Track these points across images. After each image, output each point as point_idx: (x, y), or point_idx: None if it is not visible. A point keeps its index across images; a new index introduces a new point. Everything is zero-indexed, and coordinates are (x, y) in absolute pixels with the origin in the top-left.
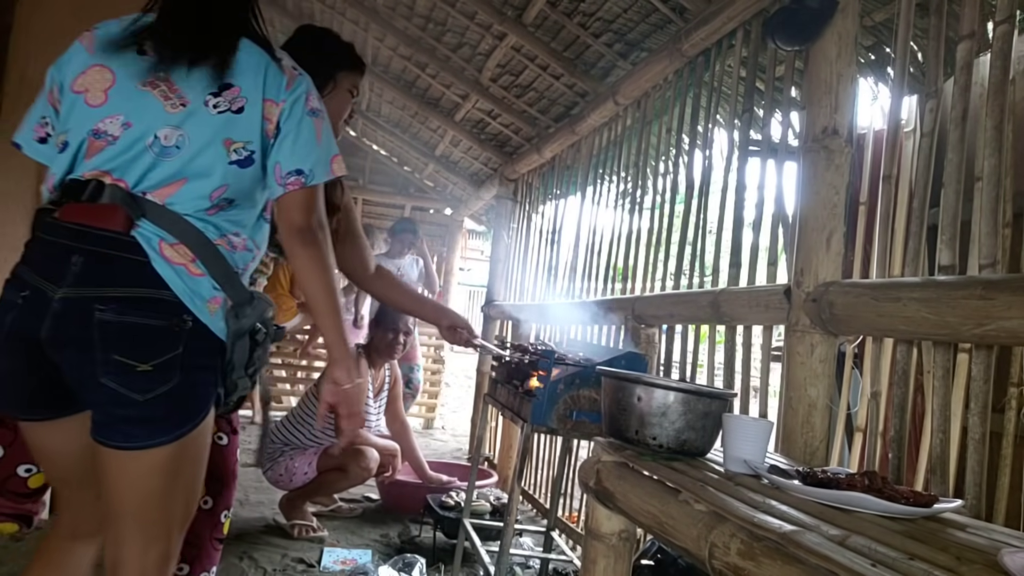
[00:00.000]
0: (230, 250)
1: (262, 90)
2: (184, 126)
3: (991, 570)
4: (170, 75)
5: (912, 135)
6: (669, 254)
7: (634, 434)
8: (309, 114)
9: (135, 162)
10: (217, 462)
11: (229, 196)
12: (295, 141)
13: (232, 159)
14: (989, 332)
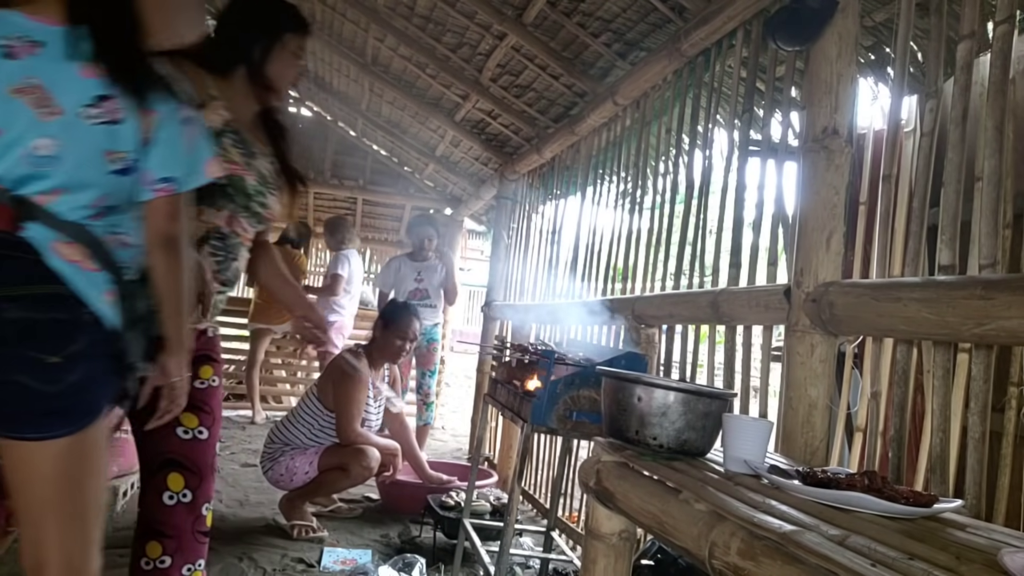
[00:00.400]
0: (121, 247)
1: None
2: (60, 136)
3: (991, 570)
4: (43, 82)
5: (912, 135)
6: (669, 254)
7: (634, 434)
8: (181, 122)
9: (13, 168)
10: (196, 455)
11: (111, 203)
12: (167, 149)
13: (112, 169)
14: (989, 332)
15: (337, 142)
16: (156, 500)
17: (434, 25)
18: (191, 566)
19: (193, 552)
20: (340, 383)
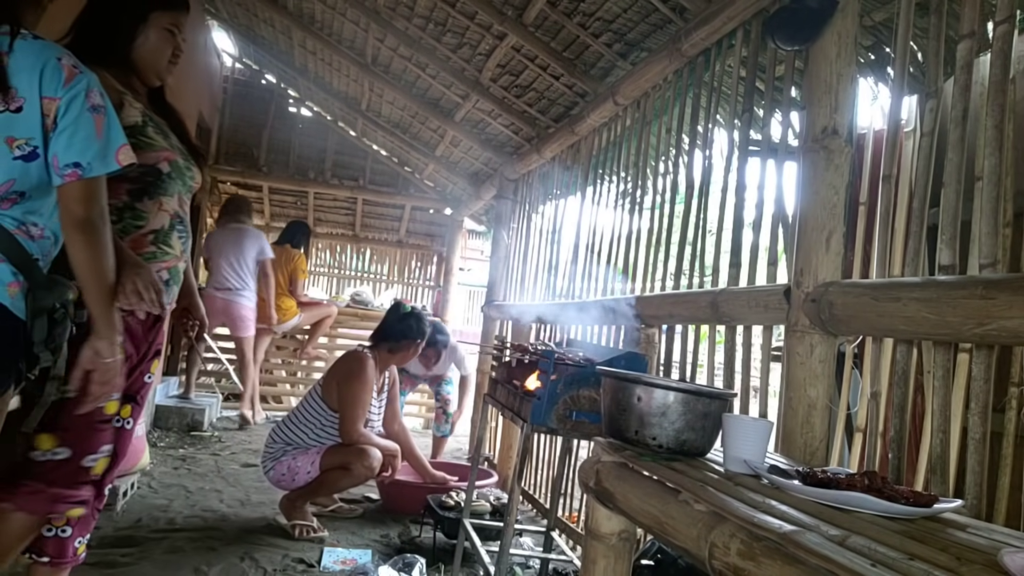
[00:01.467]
0: (28, 239)
1: (39, 88)
2: None
3: (991, 570)
4: None
5: (912, 135)
6: (669, 254)
7: (634, 434)
8: (89, 110)
9: None
10: (120, 445)
11: (19, 189)
12: (72, 135)
13: (16, 155)
14: (989, 332)
15: (337, 142)
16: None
17: (434, 25)
18: (82, 540)
19: (86, 527)
20: (345, 383)
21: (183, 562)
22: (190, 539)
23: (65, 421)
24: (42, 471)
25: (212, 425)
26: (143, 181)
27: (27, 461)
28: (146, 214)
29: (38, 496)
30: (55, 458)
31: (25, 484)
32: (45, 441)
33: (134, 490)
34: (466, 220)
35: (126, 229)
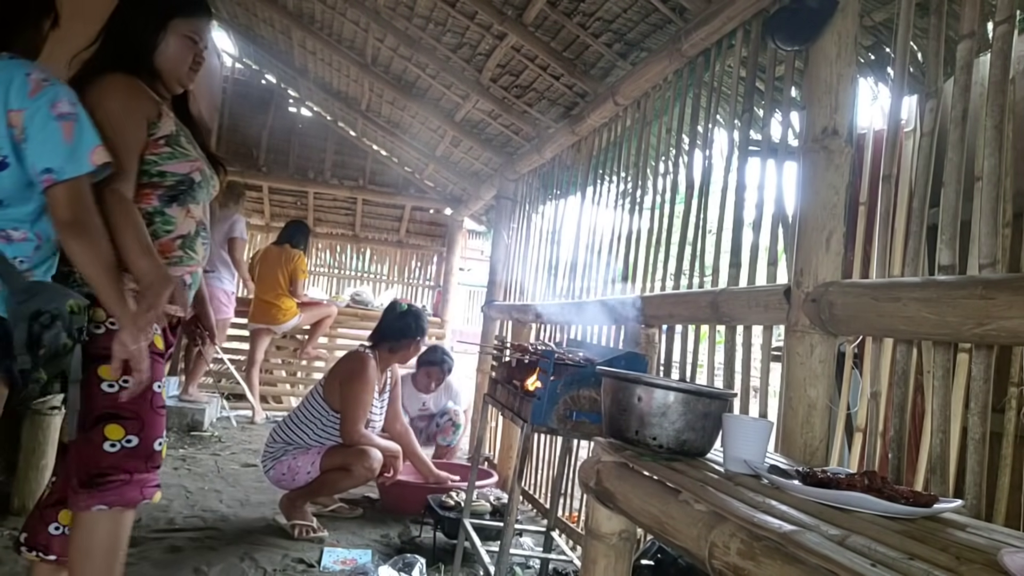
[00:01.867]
0: (7, 243)
1: (4, 103)
2: None
3: (991, 570)
4: None
5: (912, 135)
6: (669, 254)
7: (634, 434)
8: (55, 118)
9: None
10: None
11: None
12: (42, 143)
13: None
14: (989, 332)
15: (337, 142)
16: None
17: (434, 25)
18: None
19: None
20: (347, 383)
21: (183, 562)
22: (190, 539)
23: (128, 409)
24: (118, 461)
25: (212, 425)
26: (176, 189)
27: (101, 455)
28: (175, 219)
29: (127, 487)
30: (128, 446)
31: (111, 479)
32: (114, 431)
33: None
34: (466, 220)
35: (156, 233)
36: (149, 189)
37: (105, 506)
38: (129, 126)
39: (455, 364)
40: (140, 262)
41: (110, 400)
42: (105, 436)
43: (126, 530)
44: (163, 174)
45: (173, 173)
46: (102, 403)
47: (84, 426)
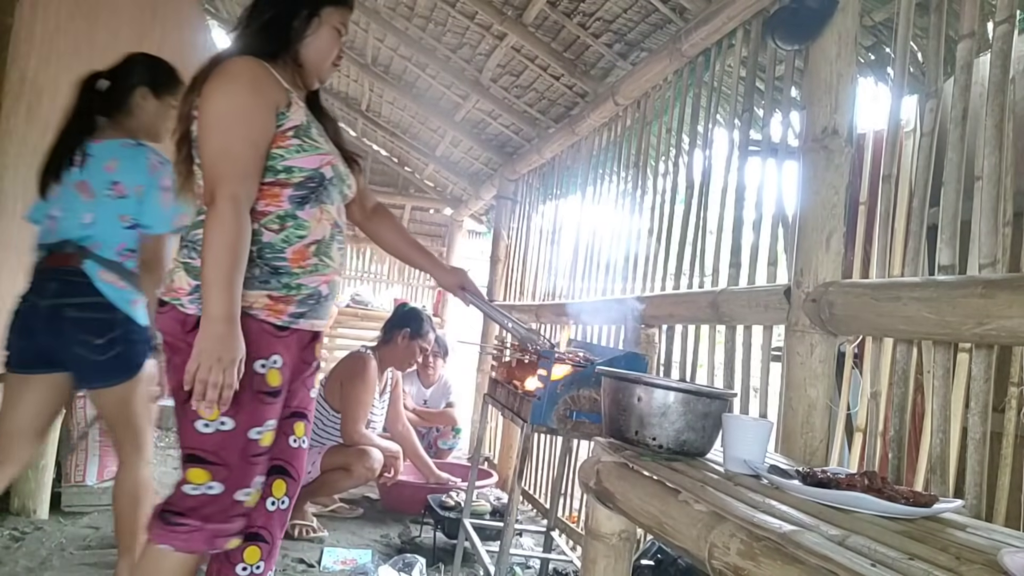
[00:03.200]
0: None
1: (135, 180)
2: (94, 210)
3: (991, 570)
4: (88, 179)
5: (912, 135)
6: (669, 254)
7: (634, 434)
8: (160, 190)
9: (74, 231)
10: (294, 461)
11: (130, 248)
12: (149, 207)
13: (125, 225)
14: (989, 332)
15: None
16: (178, 487)
17: (434, 25)
18: None
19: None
20: (348, 383)
21: None
22: None
23: (216, 455)
24: (196, 506)
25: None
26: (306, 187)
27: (181, 495)
28: (308, 223)
29: (196, 534)
30: (208, 492)
31: (183, 523)
32: (197, 475)
33: None
34: (466, 220)
35: (288, 239)
36: (277, 188)
37: (170, 547)
38: (256, 116)
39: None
40: (211, 294)
41: (199, 440)
42: (187, 478)
43: (190, 572)
44: (290, 169)
45: (301, 168)
46: (192, 441)
47: (181, 457)
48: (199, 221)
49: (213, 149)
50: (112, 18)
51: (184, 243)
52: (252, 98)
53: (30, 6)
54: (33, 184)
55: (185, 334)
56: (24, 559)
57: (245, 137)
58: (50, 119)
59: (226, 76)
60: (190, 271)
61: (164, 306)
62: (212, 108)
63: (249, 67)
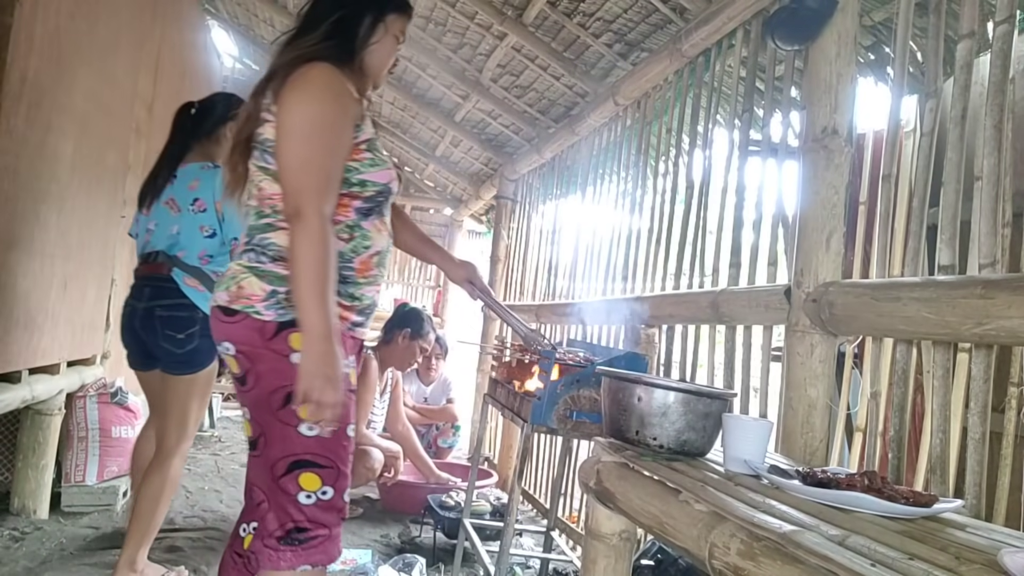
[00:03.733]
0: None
1: (214, 196)
2: (180, 223)
3: (991, 570)
4: (175, 196)
5: (912, 135)
6: (669, 254)
7: (634, 434)
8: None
9: (164, 242)
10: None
11: (208, 254)
12: (231, 221)
13: (205, 235)
14: (989, 332)
15: None
16: (292, 499)
17: (434, 25)
18: None
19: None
20: None
21: (183, 562)
22: (190, 539)
23: (325, 457)
24: (316, 514)
25: (212, 425)
26: (375, 200)
27: (297, 507)
28: (371, 233)
29: (329, 543)
30: (324, 498)
31: (313, 536)
32: (310, 481)
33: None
34: (466, 220)
35: (356, 249)
36: (348, 199)
37: (310, 566)
38: (341, 128)
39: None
40: (311, 312)
41: (307, 444)
42: (300, 486)
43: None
44: (364, 183)
45: (374, 183)
46: (298, 447)
47: (274, 470)
48: (264, 224)
49: (298, 159)
50: (112, 18)
51: (249, 247)
52: (337, 108)
53: (30, 6)
54: (33, 183)
55: (266, 342)
56: (24, 559)
57: (331, 149)
58: (51, 119)
59: (312, 84)
60: (262, 276)
61: (234, 315)
62: (298, 116)
63: (333, 76)
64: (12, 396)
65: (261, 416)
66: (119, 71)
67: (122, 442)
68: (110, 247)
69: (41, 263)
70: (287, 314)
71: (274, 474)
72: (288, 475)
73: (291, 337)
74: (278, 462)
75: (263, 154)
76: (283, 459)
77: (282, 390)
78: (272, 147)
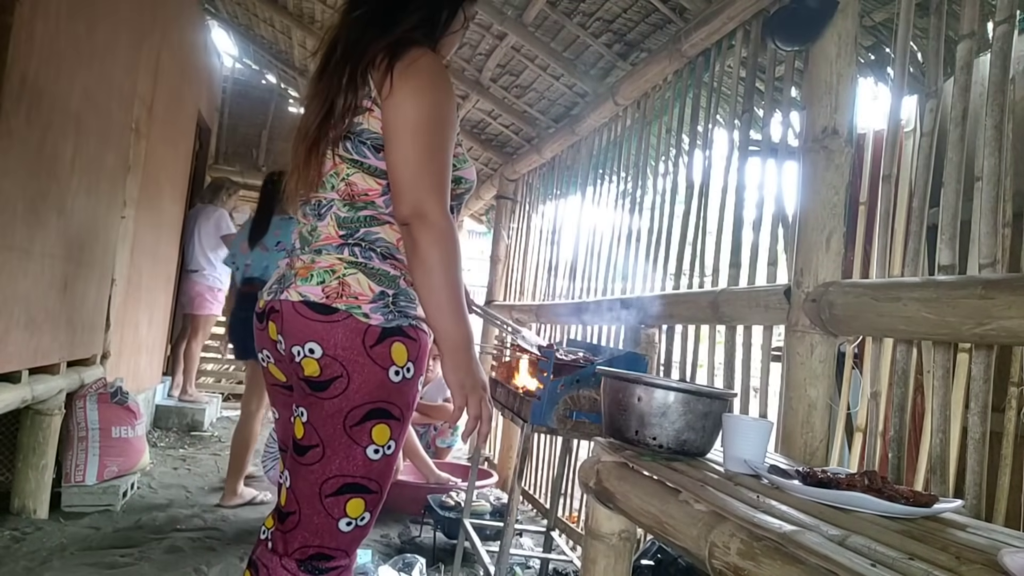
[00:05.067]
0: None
1: (290, 240)
2: (269, 260)
3: (991, 570)
4: (263, 241)
5: (912, 135)
6: (669, 254)
7: (634, 434)
8: None
9: (260, 272)
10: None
11: None
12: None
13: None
14: (989, 332)
15: None
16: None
17: None
18: None
19: None
20: None
21: (183, 562)
22: (190, 539)
23: (376, 482)
24: (348, 543)
25: (212, 425)
26: (461, 198)
27: (335, 533)
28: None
29: (345, 572)
30: (360, 524)
31: (334, 565)
32: (356, 507)
33: (134, 490)
34: (466, 220)
35: None
36: None
37: None
38: (454, 122)
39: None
40: (452, 322)
41: (368, 468)
42: (346, 512)
43: None
44: (459, 180)
45: (466, 179)
46: (360, 470)
47: (322, 487)
48: (366, 217)
49: (419, 156)
50: (111, 18)
51: (351, 241)
52: (452, 102)
53: (30, 6)
54: (33, 184)
55: (367, 349)
56: (24, 559)
57: (449, 144)
58: (50, 119)
59: (428, 74)
60: (371, 274)
61: (332, 313)
62: (418, 111)
63: (442, 66)
64: (12, 396)
65: (329, 427)
66: (119, 71)
67: (122, 442)
68: (110, 247)
69: (41, 263)
70: (395, 320)
71: (323, 492)
72: (337, 496)
73: (394, 347)
74: (331, 479)
75: (359, 146)
76: (338, 478)
77: (368, 405)
78: (373, 139)
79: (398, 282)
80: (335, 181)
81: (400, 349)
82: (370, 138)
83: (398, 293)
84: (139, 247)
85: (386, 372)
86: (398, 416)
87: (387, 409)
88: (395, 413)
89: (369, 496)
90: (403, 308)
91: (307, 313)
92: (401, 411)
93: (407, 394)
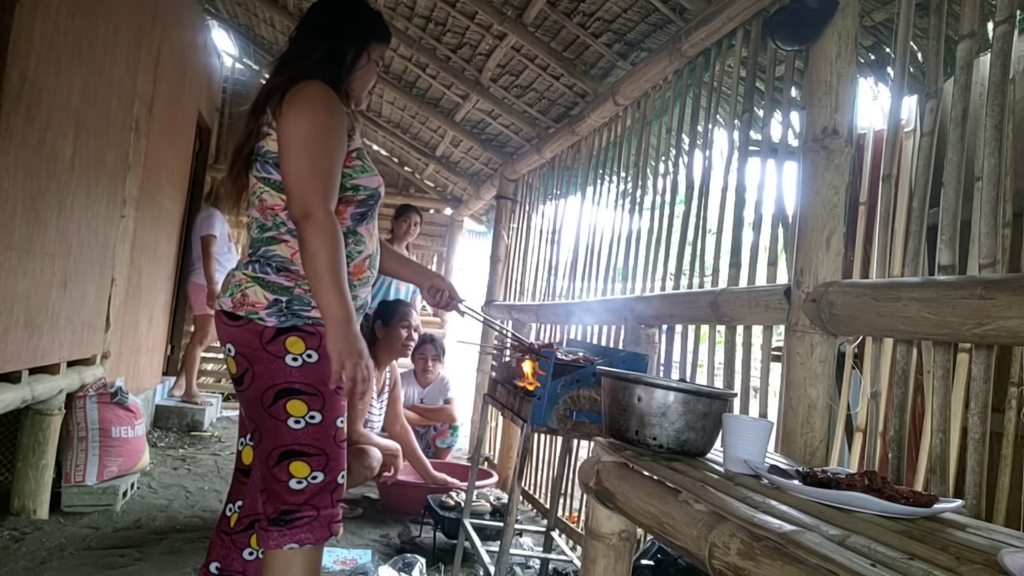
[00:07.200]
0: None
1: None
2: None
3: (991, 570)
4: None
5: (912, 135)
6: (669, 254)
7: (634, 434)
8: None
9: None
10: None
11: None
12: None
13: None
14: (989, 332)
15: None
16: (284, 485)
17: (434, 25)
18: None
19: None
20: None
21: (182, 562)
22: (189, 539)
23: (312, 446)
24: (307, 498)
25: (212, 425)
26: (366, 205)
27: (289, 493)
28: (364, 238)
29: (316, 523)
30: (314, 482)
31: (299, 516)
32: (300, 468)
33: (134, 490)
34: (466, 220)
35: (350, 255)
36: (342, 205)
37: (296, 544)
38: (339, 136)
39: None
40: (332, 301)
41: (295, 436)
42: (291, 474)
43: (318, 566)
44: (357, 188)
45: (365, 187)
46: (288, 439)
47: (268, 461)
48: (268, 238)
49: (303, 166)
50: (111, 18)
51: (254, 259)
52: (334, 119)
53: (30, 6)
54: (32, 183)
55: (264, 345)
56: (24, 559)
57: (331, 154)
58: (50, 119)
59: (310, 97)
60: (266, 286)
61: (237, 320)
62: (299, 127)
63: (327, 91)
64: (12, 396)
65: (255, 412)
66: (118, 70)
67: (122, 442)
68: (110, 247)
69: (41, 263)
70: (287, 321)
71: (268, 464)
72: (280, 464)
73: (287, 341)
74: (271, 453)
75: (264, 165)
76: (275, 450)
77: (274, 388)
78: (273, 158)
79: (292, 290)
80: (253, 198)
81: (295, 341)
82: (272, 157)
83: (291, 300)
84: (139, 246)
85: (283, 360)
86: (311, 392)
87: (294, 387)
88: (304, 390)
89: (310, 458)
90: (296, 311)
91: (224, 320)
92: (313, 387)
93: (312, 374)
